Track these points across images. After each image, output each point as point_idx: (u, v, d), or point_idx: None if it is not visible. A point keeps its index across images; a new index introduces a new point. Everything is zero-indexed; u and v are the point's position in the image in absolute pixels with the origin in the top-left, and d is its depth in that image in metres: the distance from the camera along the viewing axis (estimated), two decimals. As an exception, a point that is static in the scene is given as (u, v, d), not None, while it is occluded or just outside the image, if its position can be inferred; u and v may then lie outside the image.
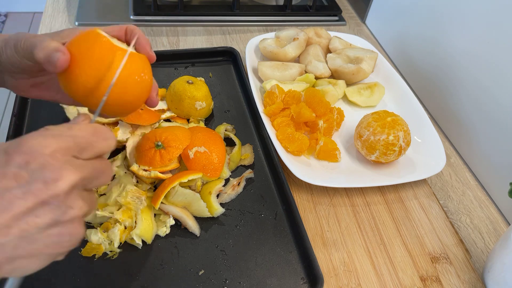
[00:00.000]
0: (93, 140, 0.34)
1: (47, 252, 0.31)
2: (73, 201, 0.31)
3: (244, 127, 0.68)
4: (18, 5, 2.42)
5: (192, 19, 0.92)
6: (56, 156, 0.31)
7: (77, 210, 0.31)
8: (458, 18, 0.72)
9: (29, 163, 0.30)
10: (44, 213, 0.29)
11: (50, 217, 0.30)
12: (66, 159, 0.31)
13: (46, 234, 0.30)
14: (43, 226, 0.30)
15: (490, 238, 0.61)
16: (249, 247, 0.53)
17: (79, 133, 0.33)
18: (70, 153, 0.32)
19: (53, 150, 0.31)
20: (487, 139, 0.67)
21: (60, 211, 0.30)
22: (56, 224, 0.30)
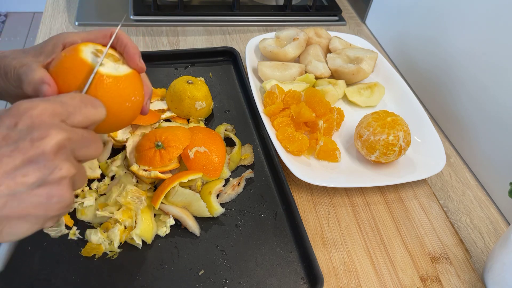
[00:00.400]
0: (81, 106, 0.34)
1: (35, 214, 0.31)
2: (60, 162, 0.31)
3: (244, 127, 0.68)
4: (18, 5, 2.42)
5: (192, 19, 0.92)
6: (43, 117, 0.31)
7: (65, 171, 0.31)
8: (458, 18, 0.72)
9: (17, 124, 0.30)
10: (31, 171, 0.30)
11: (37, 176, 0.30)
12: (53, 121, 0.32)
13: (34, 194, 0.30)
14: (31, 184, 0.30)
15: (490, 238, 0.61)
16: (249, 247, 0.53)
17: (67, 99, 0.34)
18: (57, 116, 0.32)
19: (40, 111, 0.31)
20: (487, 139, 0.67)
21: (47, 170, 0.30)
22: (43, 183, 0.30)
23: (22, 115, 0.31)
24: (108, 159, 0.59)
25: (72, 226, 0.52)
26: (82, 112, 0.34)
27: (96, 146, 0.35)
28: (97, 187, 0.56)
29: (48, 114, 0.31)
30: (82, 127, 0.34)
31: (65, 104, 0.33)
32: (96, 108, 0.35)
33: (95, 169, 0.57)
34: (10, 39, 2.29)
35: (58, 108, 0.32)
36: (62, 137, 0.31)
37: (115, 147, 0.61)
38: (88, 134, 0.35)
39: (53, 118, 0.32)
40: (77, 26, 0.86)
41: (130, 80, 0.43)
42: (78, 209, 0.53)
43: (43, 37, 0.82)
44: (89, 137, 0.34)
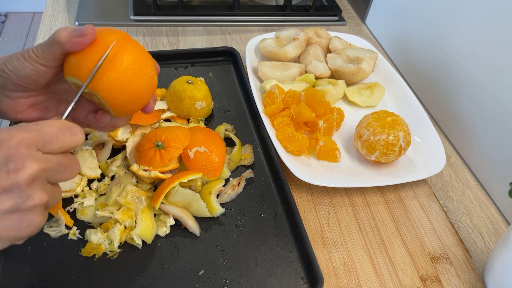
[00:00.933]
0: (58, 135, 0.35)
1: (7, 235, 0.33)
2: (34, 191, 0.33)
3: (244, 127, 0.68)
4: (18, 5, 2.42)
5: (192, 19, 0.92)
6: (19, 148, 0.33)
7: (37, 200, 0.33)
8: (458, 18, 0.72)
9: None
10: (5, 200, 0.32)
11: (10, 204, 0.32)
12: (29, 151, 0.33)
13: (7, 218, 0.33)
14: (5, 211, 0.32)
15: (490, 238, 0.61)
16: (249, 247, 0.53)
17: (45, 127, 0.35)
18: (34, 146, 0.34)
19: (17, 142, 0.33)
20: (487, 139, 0.67)
21: (21, 199, 0.33)
22: (16, 210, 0.33)
23: (0, 146, 0.33)
24: (108, 159, 0.59)
25: (72, 226, 0.52)
26: (59, 140, 0.35)
27: (71, 171, 0.37)
28: (97, 187, 0.56)
29: (25, 145, 0.33)
30: (59, 153, 0.36)
31: (42, 132, 0.35)
32: (73, 135, 0.37)
33: (95, 169, 0.57)
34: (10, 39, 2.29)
35: (35, 137, 0.34)
36: (36, 168, 0.33)
37: (115, 147, 0.61)
38: (64, 159, 0.36)
39: (29, 148, 0.33)
40: (77, 26, 0.86)
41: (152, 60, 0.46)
42: (78, 209, 0.53)
43: (43, 37, 0.82)
44: (64, 163, 0.36)
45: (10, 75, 0.42)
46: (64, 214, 0.52)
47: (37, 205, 0.34)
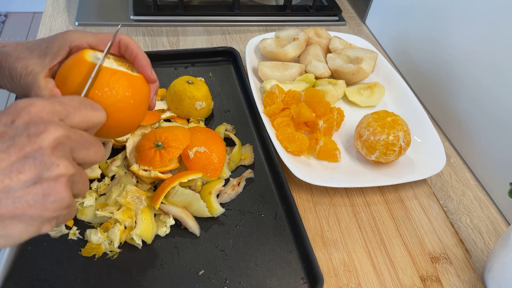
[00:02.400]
0: (81, 107, 0.33)
1: (30, 213, 0.29)
2: (58, 158, 0.29)
3: (244, 127, 0.68)
4: (18, 5, 2.42)
5: (192, 19, 0.92)
6: (41, 114, 0.30)
7: (62, 168, 0.30)
8: (458, 17, 0.72)
9: (15, 121, 0.30)
10: (27, 168, 0.28)
11: (33, 172, 0.28)
12: (52, 118, 0.31)
13: (29, 191, 0.29)
14: (26, 181, 0.28)
15: (490, 238, 0.61)
16: (249, 247, 0.53)
17: (66, 100, 0.33)
18: (56, 115, 0.31)
19: (39, 108, 0.30)
20: (487, 139, 0.67)
21: (44, 166, 0.29)
22: (39, 180, 0.29)
23: (20, 112, 0.30)
24: (108, 159, 0.59)
25: (72, 226, 0.52)
26: (81, 113, 0.33)
27: (96, 149, 0.34)
28: (97, 187, 0.56)
29: (47, 112, 0.31)
30: (82, 129, 0.34)
31: (64, 104, 0.32)
32: (95, 110, 0.35)
33: (95, 169, 0.57)
34: (10, 39, 2.29)
35: (57, 106, 0.32)
36: (60, 133, 0.30)
37: (115, 147, 0.61)
38: (88, 136, 0.33)
39: (52, 115, 0.31)
40: (77, 26, 0.86)
41: (137, 79, 0.44)
42: (78, 209, 0.53)
43: (43, 37, 0.82)
44: (89, 139, 0.33)
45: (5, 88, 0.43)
46: (64, 214, 0.52)
47: (62, 175, 0.30)
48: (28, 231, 0.30)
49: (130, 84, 0.43)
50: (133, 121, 0.46)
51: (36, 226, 0.30)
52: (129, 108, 0.43)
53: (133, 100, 0.43)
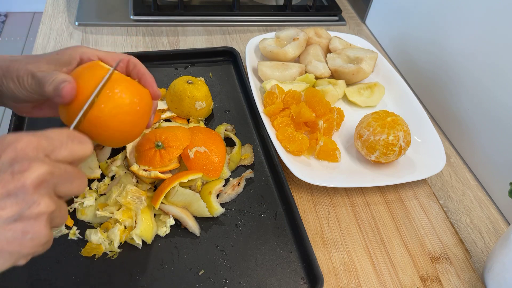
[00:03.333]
0: (67, 142, 0.34)
1: (9, 250, 0.29)
2: (40, 197, 0.30)
3: (244, 127, 0.68)
4: (18, 5, 2.42)
5: (192, 19, 0.92)
6: (26, 150, 0.31)
7: (43, 206, 0.30)
8: (458, 18, 0.72)
9: (0, 156, 0.30)
10: (9, 205, 0.29)
11: (14, 210, 0.29)
12: (36, 154, 0.31)
13: (9, 228, 0.29)
14: (7, 218, 0.29)
15: (490, 238, 0.61)
16: (249, 247, 0.53)
17: (53, 134, 0.34)
18: (42, 150, 0.32)
19: (24, 145, 0.31)
20: (487, 139, 0.67)
21: (26, 204, 0.29)
22: (20, 218, 0.29)
23: (6, 148, 0.31)
24: (108, 159, 0.59)
25: (72, 226, 0.52)
26: (68, 147, 0.34)
27: (79, 182, 0.34)
28: (97, 187, 0.56)
29: (32, 148, 0.31)
30: (67, 163, 0.34)
31: (51, 138, 0.33)
32: (82, 144, 0.35)
33: (95, 169, 0.57)
34: (10, 39, 2.29)
35: (43, 142, 0.32)
36: (43, 171, 0.30)
37: (115, 147, 0.61)
38: (72, 170, 0.34)
39: (37, 152, 0.31)
40: (77, 26, 0.86)
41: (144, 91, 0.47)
42: (78, 209, 0.53)
43: (43, 37, 0.82)
44: (72, 173, 0.34)
45: (6, 92, 0.43)
46: (64, 214, 0.52)
47: (43, 213, 0.30)
48: (5, 265, 0.30)
49: (138, 92, 0.46)
50: (135, 130, 0.47)
51: (13, 261, 0.31)
52: (135, 114, 0.45)
53: (139, 107, 0.45)
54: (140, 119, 0.46)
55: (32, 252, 0.31)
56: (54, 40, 0.82)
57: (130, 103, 0.44)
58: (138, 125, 0.47)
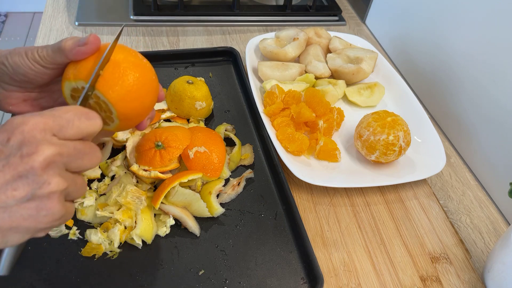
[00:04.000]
0: (74, 119, 0.34)
1: (26, 225, 0.32)
2: (50, 177, 0.32)
3: (244, 127, 0.68)
4: (18, 5, 2.42)
5: (192, 19, 0.92)
6: (33, 132, 0.32)
7: (54, 186, 0.32)
8: (458, 18, 0.72)
9: (10, 140, 0.32)
10: (21, 186, 0.31)
11: (26, 190, 0.31)
12: (44, 135, 0.32)
13: (24, 207, 0.31)
14: (20, 198, 0.31)
15: (490, 238, 0.61)
16: (249, 247, 0.53)
17: (60, 112, 0.34)
18: (49, 131, 0.33)
19: (31, 127, 0.32)
20: (487, 139, 0.67)
21: (36, 185, 0.31)
22: (33, 197, 0.31)
23: (14, 131, 0.32)
24: (108, 159, 0.59)
25: (72, 226, 0.52)
26: (75, 125, 0.34)
27: (90, 157, 0.35)
28: (97, 187, 0.56)
29: (39, 129, 0.32)
30: (77, 139, 0.35)
31: (58, 117, 0.34)
32: (90, 120, 0.36)
33: (95, 169, 0.57)
34: (10, 39, 2.29)
35: (50, 122, 0.33)
36: (51, 152, 0.32)
37: (115, 147, 0.61)
38: (83, 145, 0.35)
39: (44, 133, 0.32)
40: (77, 26, 0.86)
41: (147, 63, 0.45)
42: (78, 209, 0.53)
43: (43, 37, 0.82)
44: (83, 149, 0.35)
45: (9, 69, 0.42)
46: (64, 214, 0.52)
47: (54, 192, 0.32)
48: (24, 238, 0.33)
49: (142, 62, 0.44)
50: (153, 100, 0.45)
51: (31, 234, 0.33)
52: (155, 84, 0.44)
53: (154, 77, 0.44)
54: (147, 85, 0.44)
55: (49, 226, 0.33)
56: (54, 40, 0.82)
57: (152, 73, 0.43)
58: (148, 92, 0.44)
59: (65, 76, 0.42)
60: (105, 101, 0.40)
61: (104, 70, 0.40)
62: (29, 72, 0.42)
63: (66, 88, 0.42)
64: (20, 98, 0.45)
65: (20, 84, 0.44)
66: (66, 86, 0.42)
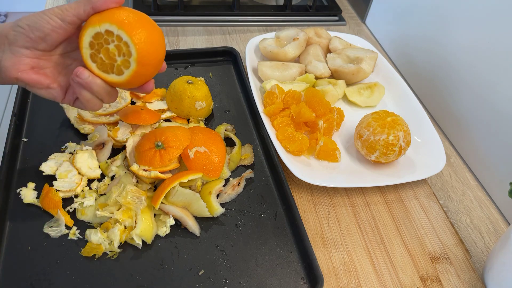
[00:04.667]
0: None
1: None
2: None
3: (244, 127, 0.68)
4: (18, 5, 2.42)
5: (192, 19, 0.92)
6: None
7: None
8: (458, 18, 0.72)
9: None
10: None
11: None
12: None
13: None
14: None
15: (490, 238, 0.61)
16: (249, 247, 0.53)
17: None
18: None
19: None
20: (487, 139, 0.67)
21: None
22: None
23: None
24: (108, 159, 0.59)
25: (72, 226, 0.52)
26: None
27: None
28: (97, 187, 0.56)
29: None
30: None
31: None
32: None
33: (95, 169, 0.57)
34: (10, 39, 2.29)
35: None
36: None
37: (115, 147, 0.61)
38: None
39: None
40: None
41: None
42: (78, 209, 0.53)
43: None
44: None
45: (24, 27, 0.44)
46: (64, 214, 0.52)
47: None
48: None
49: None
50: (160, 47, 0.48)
51: None
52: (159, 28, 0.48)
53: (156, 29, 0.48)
54: (164, 47, 0.50)
55: None
56: (54, 40, 0.82)
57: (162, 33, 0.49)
58: (164, 52, 0.50)
59: (89, 22, 0.45)
60: (127, 41, 0.44)
61: (127, 16, 0.45)
62: (46, 27, 0.44)
63: (87, 35, 0.45)
64: (28, 65, 0.46)
65: (33, 44, 0.45)
66: (88, 33, 0.45)
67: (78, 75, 0.45)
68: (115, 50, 0.45)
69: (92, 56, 0.46)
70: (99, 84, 0.47)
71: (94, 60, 0.46)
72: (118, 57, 0.45)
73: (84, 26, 0.46)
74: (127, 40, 0.44)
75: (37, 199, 0.54)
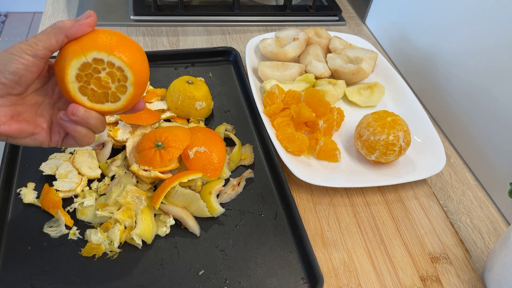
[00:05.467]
0: None
1: None
2: None
3: (244, 127, 0.68)
4: (18, 5, 2.42)
5: (192, 19, 0.92)
6: None
7: None
8: (458, 18, 0.72)
9: None
10: None
11: None
12: None
13: None
14: None
15: (490, 238, 0.61)
16: (249, 247, 0.53)
17: None
18: None
19: None
20: (487, 139, 0.67)
21: None
22: None
23: None
24: (108, 159, 0.59)
25: (72, 226, 0.52)
26: None
27: None
28: (97, 187, 0.56)
29: None
30: None
31: None
32: None
33: (95, 169, 0.57)
34: (10, 39, 2.29)
35: None
36: None
37: (115, 147, 0.61)
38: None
39: None
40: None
41: None
42: (78, 209, 0.53)
43: (43, 37, 0.82)
44: None
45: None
46: (64, 214, 0.52)
47: None
48: None
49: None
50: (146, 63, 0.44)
51: None
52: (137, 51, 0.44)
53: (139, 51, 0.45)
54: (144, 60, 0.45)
55: None
56: (54, 40, 0.82)
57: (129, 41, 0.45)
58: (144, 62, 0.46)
59: (69, 53, 0.41)
60: (121, 66, 0.41)
61: (110, 39, 0.41)
62: (19, 67, 0.40)
63: (72, 68, 0.40)
64: (8, 115, 0.42)
65: (7, 90, 0.41)
66: (72, 65, 0.40)
67: (74, 113, 0.41)
68: (108, 78, 0.41)
69: (81, 89, 0.41)
70: (96, 117, 0.43)
71: (84, 93, 0.42)
72: (112, 84, 0.42)
73: (62, 57, 0.41)
74: (120, 65, 0.41)
75: (37, 199, 0.54)
